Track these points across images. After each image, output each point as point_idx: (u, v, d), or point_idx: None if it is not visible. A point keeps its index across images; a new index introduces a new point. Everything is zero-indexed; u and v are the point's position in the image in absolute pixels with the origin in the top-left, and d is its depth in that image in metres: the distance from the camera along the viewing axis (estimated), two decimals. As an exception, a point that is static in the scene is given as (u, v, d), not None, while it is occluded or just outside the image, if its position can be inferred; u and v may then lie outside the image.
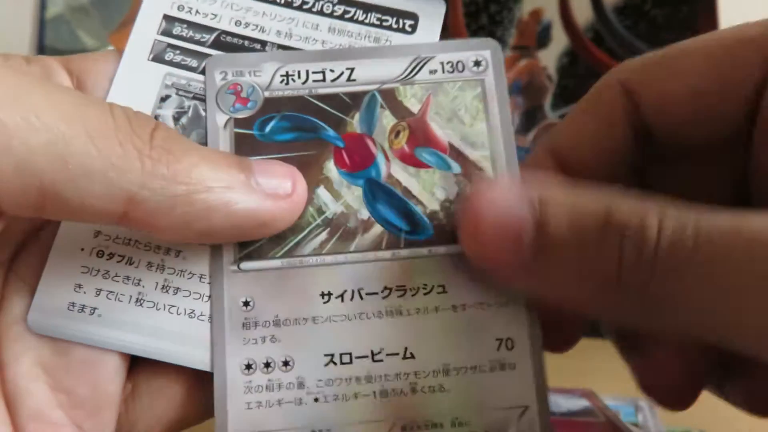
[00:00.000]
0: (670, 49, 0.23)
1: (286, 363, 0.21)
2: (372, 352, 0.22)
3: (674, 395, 0.23)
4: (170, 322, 0.21)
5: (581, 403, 0.36)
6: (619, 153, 0.23)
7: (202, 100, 0.23)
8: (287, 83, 0.23)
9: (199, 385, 0.21)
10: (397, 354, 0.22)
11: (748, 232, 0.17)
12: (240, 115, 0.23)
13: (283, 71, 0.23)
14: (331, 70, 0.23)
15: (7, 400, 0.20)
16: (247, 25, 0.24)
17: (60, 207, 0.18)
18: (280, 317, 0.22)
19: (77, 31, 0.57)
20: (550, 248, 0.19)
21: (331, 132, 0.23)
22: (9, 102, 0.17)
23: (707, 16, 0.55)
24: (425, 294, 0.22)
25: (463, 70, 0.23)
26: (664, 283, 0.17)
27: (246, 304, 0.22)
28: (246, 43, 0.24)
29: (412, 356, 0.22)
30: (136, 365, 0.22)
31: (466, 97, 0.23)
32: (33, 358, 0.21)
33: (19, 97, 0.17)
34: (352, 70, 0.23)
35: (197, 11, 0.24)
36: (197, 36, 0.24)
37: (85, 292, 0.21)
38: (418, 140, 0.23)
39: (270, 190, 0.20)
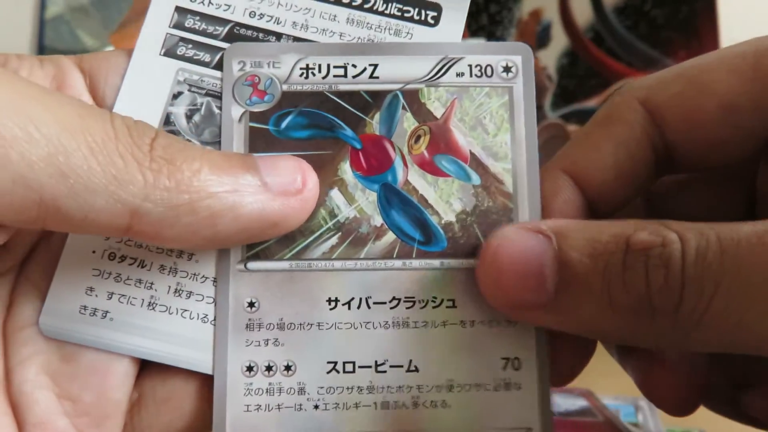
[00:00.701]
0: (684, 67, 0.21)
1: (288, 367, 0.21)
2: (376, 362, 0.21)
3: (677, 403, 0.22)
4: (183, 326, 0.21)
5: (579, 403, 0.36)
6: (638, 175, 0.22)
7: (215, 96, 0.22)
8: (307, 77, 0.22)
9: (207, 394, 0.21)
10: (401, 366, 0.21)
11: None
12: (256, 109, 0.22)
13: (303, 64, 0.22)
14: (354, 66, 0.22)
15: (13, 406, 0.20)
16: (261, 16, 0.23)
17: (62, 221, 0.17)
18: (285, 321, 0.21)
19: (77, 31, 0.56)
20: (574, 280, 0.18)
21: (349, 132, 0.22)
22: (8, 112, 0.16)
23: (707, 16, 0.54)
24: (434, 307, 0.21)
25: (491, 75, 0.22)
26: (696, 302, 0.17)
27: (251, 305, 0.21)
28: (261, 35, 0.23)
29: (416, 369, 0.21)
30: (143, 373, 0.21)
31: (492, 104, 0.22)
32: (40, 363, 0.20)
33: (18, 106, 0.17)
34: (376, 66, 0.22)
35: (210, 2, 0.23)
36: (210, 29, 0.22)
37: (96, 296, 0.21)
38: (439, 147, 0.22)
39: (278, 187, 0.20)
